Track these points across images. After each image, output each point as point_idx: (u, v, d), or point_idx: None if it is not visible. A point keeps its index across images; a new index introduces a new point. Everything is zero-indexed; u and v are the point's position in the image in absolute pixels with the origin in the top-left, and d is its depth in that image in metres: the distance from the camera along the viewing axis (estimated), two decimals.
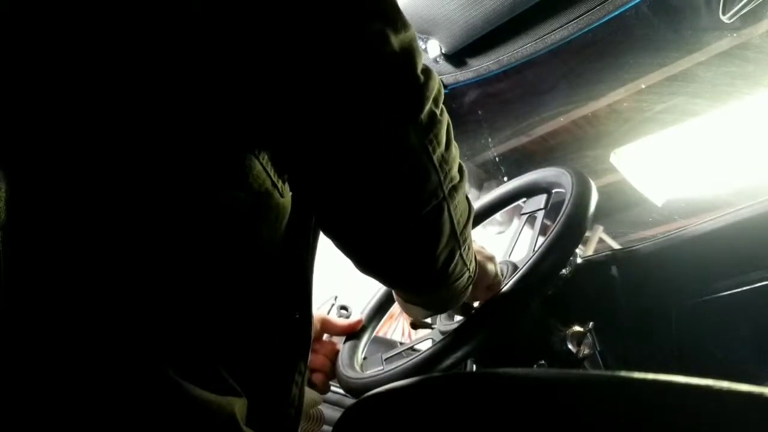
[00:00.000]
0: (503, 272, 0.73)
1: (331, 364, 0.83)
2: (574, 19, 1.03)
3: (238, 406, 0.47)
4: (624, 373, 0.39)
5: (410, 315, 0.71)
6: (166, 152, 0.43)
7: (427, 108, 0.44)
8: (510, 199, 0.91)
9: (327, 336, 0.88)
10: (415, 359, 0.67)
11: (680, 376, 0.36)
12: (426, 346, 0.70)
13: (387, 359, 0.80)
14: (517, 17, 1.05)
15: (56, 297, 0.40)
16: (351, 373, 0.77)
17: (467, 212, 0.54)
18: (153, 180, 0.43)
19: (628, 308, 0.88)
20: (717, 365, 0.80)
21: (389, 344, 1.00)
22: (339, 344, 0.86)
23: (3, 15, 0.40)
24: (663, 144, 1.79)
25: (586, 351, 0.76)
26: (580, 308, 0.88)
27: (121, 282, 0.42)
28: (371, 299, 0.90)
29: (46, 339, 0.40)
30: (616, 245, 2.47)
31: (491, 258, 0.67)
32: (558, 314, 0.80)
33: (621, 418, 0.38)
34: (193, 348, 0.46)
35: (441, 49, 1.19)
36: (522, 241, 0.83)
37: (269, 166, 0.48)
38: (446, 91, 1.29)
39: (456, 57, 1.21)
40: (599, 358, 0.84)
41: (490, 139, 2.27)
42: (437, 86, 0.45)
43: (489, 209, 0.93)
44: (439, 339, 0.68)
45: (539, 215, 0.82)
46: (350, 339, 0.85)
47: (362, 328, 0.86)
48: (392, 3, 0.42)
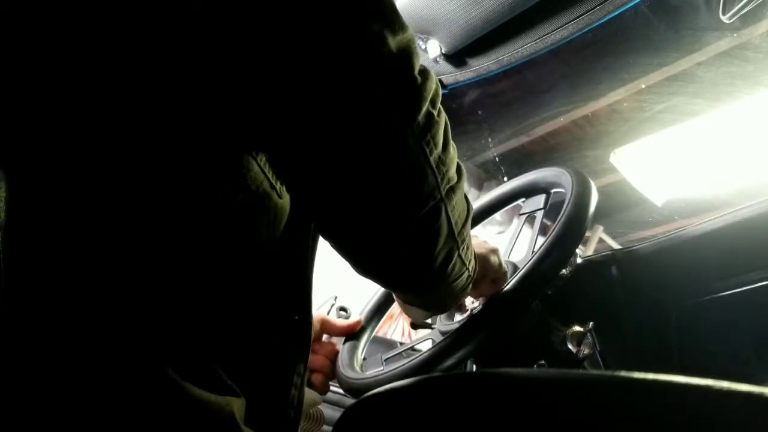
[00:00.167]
0: None
1: (331, 365, 0.83)
2: (574, 19, 1.03)
3: (237, 406, 0.47)
4: (624, 373, 0.39)
5: (411, 316, 0.71)
6: (165, 152, 0.43)
7: (424, 109, 0.44)
8: (508, 200, 0.91)
9: (326, 337, 0.88)
10: (415, 359, 0.67)
11: (680, 376, 0.36)
12: (426, 347, 0.70)
13: (387, 360, 0.80)
14: (517, 17, 1.05)
15: (56, 297, 0.40)
16: (351, 374, 0.77)
17: (466, 212, 0.54)
18: (151, 180, 0.43)
19: (628, 308, 0.88)
20: (717, 365, 0.80)
21: (389, 344, 1.00)
22: (338, 345, 0.86)
23: (3, 15, 0.40)
24: (663, 144, 1.78)
25: (586, 351, 0.76)
26: (580, 308, 0.88)
27: (121, 282, 0.42)
28: (370, 300, 0.90)
29: (46, 339, 0.40)
30: (616, 245, 2.47)
31: (494, 250, 0.67)
32: (558, 314, 0.80)
33: (621, 418, 0.38)
34: (193, 348, 0.46)
35: (441, 49, 1.18)
36: (521, 241, 0.83)
37: (267, 167, 0.47)
38: (446, 92, 1.29)
39: (456, 57, 1.21)
40: (599, 358, 0.84)
41: (490, 139, 2.27)
42: (435, 87, 0.45)
43: (488, 210, 0.93)
44: (440, 339, 0.68)
45: (538, 215, 0.82)
46: (350, 339, 0.85)
47: (361, 329, 0.86)
48: (390, 4, 0.42)
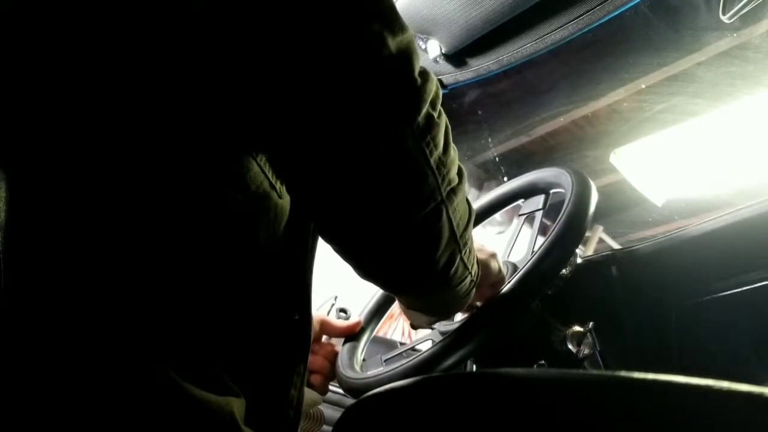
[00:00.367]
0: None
1: (330, 366, 0.83)
2: (574, 19, 1.03)
3: (237, 406, 0.47)
4: (624, 373, 0.39)
5: (413, 321, 0.70)
6: (165, 152, 0.43)
7: (424, 110, 0.44)
8: (507, 201, 0.91)
9: (326, 338, 0.88)
10: (415, 359, 0.67)
11: (680, 376, 0.36)
12: (426, 347, 0.70)
13: (387, 360, 0.80)
14: (517, 17, 1.05)
15: (56, 298, 0.40)
16: (351, 374, 0.77)
17: (467, 215, 0.53)
18: (152, 180, 0.43)
19: (628, 308, 0.88)
20: (717, 365, 0.80)
21: (389, 345, 1.00)
22: (338, 346, 0.86)
23: (3, 15, 0.40)
24: (663, 144, 1.78)
25: (586, 351, 0.76)
26: (580, 308, 0.88)
27: (121, 283, 0.42)
28: (370, 301, 0.90)
29: (47, 340, 0.40)
30: (616, 245, 2.47)
31: (493, 255, 0.67)
32: (558, 314, 0.80)
33: (621, 418, 0.38)
34: (193, 348, 0.46)
35: (441, 49, 1.18)
36: (521, 241, 0.83)
37: (267, 167, 0.47)
38: (446, 91, 1.29)
39: (456, 57, 1.20)
40: (599, 358, 0.83)
41: (490, 139, 2.27)
42: (435, 89, 0.45)
43: (487, 210, 0.93)
44: (439, 339, 0.68)
45: (538, 215, 0.82)
46: (349, 340, 0.85)
47: (361, 330, 0.86)
48: (390, 5, 0.42)
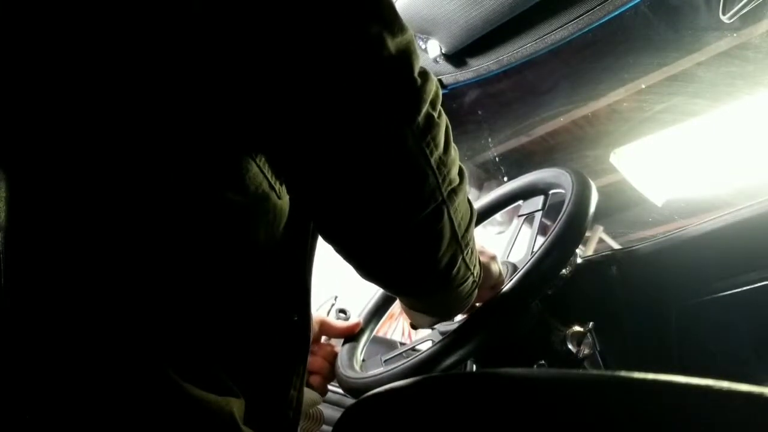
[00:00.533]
0: (503, 273, 0.72)
1: (329, 367, 0.83)
2: (574, 19, 1.03)
3: (237, 407, 0.47)
4: (624, 373, 0.39)
5: (415, 322, 0.70)
6: (164, 153, 0.43)
7: (424, 110, 0.44)
8: (507, 202, 0.91)
9: (325, 338, 0.88)
10: (415, 359, 0.67)
11: (680, 376, 0.36)
12: (426, 347, 0.70)
13: (386, 360, 0.80)
14: (517, 17, 1.05)
15: (56, 298, 0.40)
16: (351, 374, 0.77)
17: (469, 215, 0.53)
18: (151, 181, 0.42)
19: (628, 308, 0.88)
20: (717, 365, 0.80)
21: (389, 345, 1.00)
22: (337, 347, 0.86)
23: (3, 15, 0.40)
24: (663, 144, 1.78)
25: (586, 351, 0.76)
26: (580, 308, 0.88)
27: (121, 283, 0.42)
28: (369, 301, 0.90)
29: (47, 340, 0.40)
30: (616, 245, 2.47)
31: (493, 257, 0.67)
32: (558, 314, 0.80)
33: (621, 418, 0.38)
34: (193, 349, 0.46)
35: (441, 49, 1.18)
36: (520, 242, 0.83)
37: (266, 168, 0.47)
38: (446, 91, 1.29)
39: (456, 57, 1.20)
40: (599, 358, 0.83)
41: (490, 140, 2.27)
42: (435, 89, 0.45)
43: (486, 211, 0.93)
44: (439, 339, 0.68)
45: (537, 216, 0.82)
46: (349, 341, 0.85)
47: (361, 330, 0.86)
48: (389, 5, 0.42)
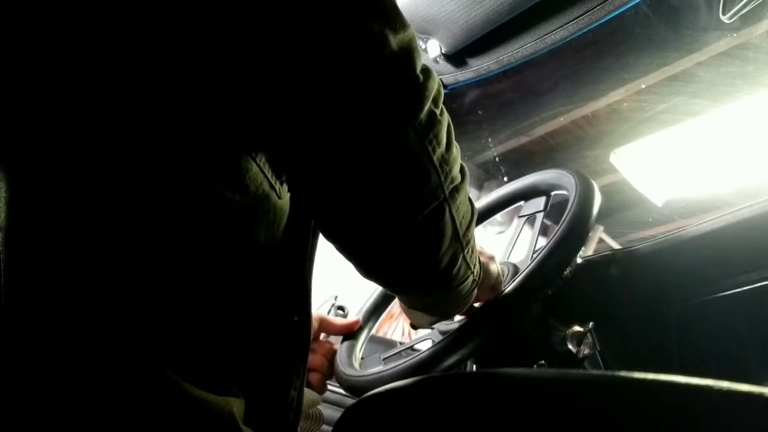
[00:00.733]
0: (504, 273, 0.73)
1: (328, 364, 0.83)
2: (574, 19, 1.03)
3: (237, 407, 0.47)
4: (624, 373, 0.39)
5: (414, 321, 0.70)
6: (164, 153, 0.43)
7: (427, 108, 0.44)
8: (508, 202, 0.91)
9: (324, 336, 0.88)
10: (415, 359, 0.67)
11: (680, 376, 0.36)
12: (425, 346, 0.70)
13: (385, 359, 0.80)
14: (517, 17, 1.05)
15: (56, 298, 0.40)
16: (350, 371, 0.77)
17: (470, 214, 0.53)
18: (151, 181, 0.42)
19: (628, 308, 0.88)
20: (717, 365, 0.80)
21: (388, 344, 1.00)
22: (336, 344, 0.86)
23: (3, 15, 0.40)
24: (663, 144, 1.78)
25: (586, 351, 0.76)
26: (580, 308, 0.88)
27: (121, 283, 0.42)
28: (368, 299, 0.90)
29: (46, 340, 0.40)
30: (616, 245, 2.46)
31: (492, 258, 0.67)
32: (558, 314, 0.80)
33: (621, 418, 0.38)
34: (192, 349, 0.46)
35: (441, 49, 1.18)
36: (521, 242, 0.83)
37: (266, 168, 0.47)
38: (446, 91, 1.29)
39: (456, 57, 1.20)
40: (599, 358, 0.84)
41: (490, 139, 2.27)
42: (437, 86, 0.45)
43: (487, 212, 0.93)
44: (439, 339, 0.68)
45: (538, 217, 0.82)
46: (348, 338, 0.85)
47: (360, 328, 0.86)
48: (391, 3, 0.42)
